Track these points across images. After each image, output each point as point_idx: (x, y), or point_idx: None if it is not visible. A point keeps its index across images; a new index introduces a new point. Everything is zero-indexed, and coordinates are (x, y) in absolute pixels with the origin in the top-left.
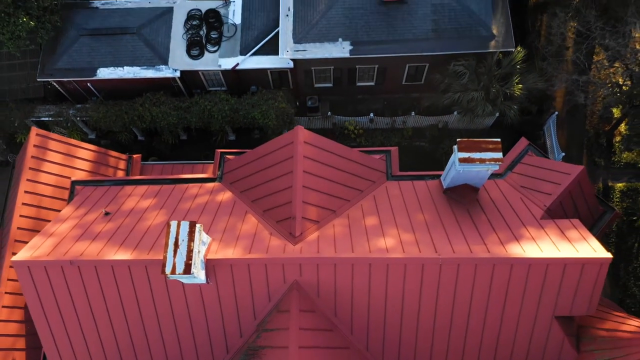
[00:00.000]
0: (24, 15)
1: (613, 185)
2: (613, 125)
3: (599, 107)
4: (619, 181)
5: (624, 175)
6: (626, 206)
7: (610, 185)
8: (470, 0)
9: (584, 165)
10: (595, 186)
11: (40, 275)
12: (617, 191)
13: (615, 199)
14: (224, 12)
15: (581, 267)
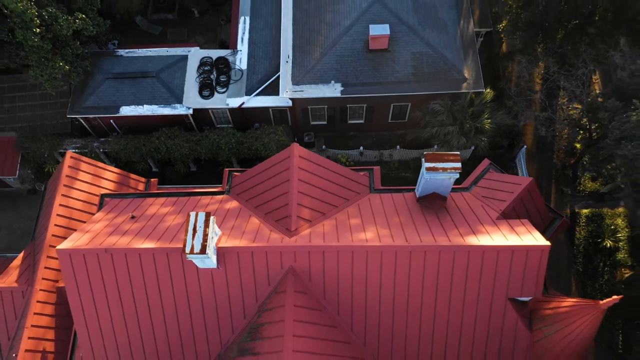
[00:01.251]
0: (61, 60)
1: (579, 211)
2: (577, 158)
3: (565, 143)
4: (584, 208)
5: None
6: (591, 230)
7: (576, 211)
8: (445, 49)
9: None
10: (563, 212)
11: (79, 262)
12: (583, 216)
13: (581, 224)
14: (232, 59)
15: (526, 254)
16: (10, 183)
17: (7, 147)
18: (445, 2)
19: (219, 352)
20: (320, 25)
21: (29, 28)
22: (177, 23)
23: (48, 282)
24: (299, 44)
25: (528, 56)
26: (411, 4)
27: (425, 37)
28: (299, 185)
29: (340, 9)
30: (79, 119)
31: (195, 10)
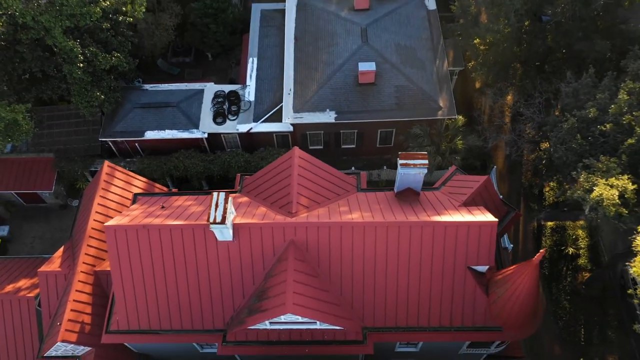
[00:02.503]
0: (97, 91)
1: (545, 224)
2: (542, 178)
3: (530, 165)
4: (549, 221)
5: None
6: (555, 239)
7: (542, 224)
8: (423, 83)
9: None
10: (531, 225)
11: (121, 236)
12: (548, 228)
13: (547, 234)
14: (241, 92)
15: (479, 228)
16: (45, 198)
17: (45, 166)
18: (423, 45)
19: (232, 315)
20: (317, 64)
21: (74, 63)
22: (193, 65)
23: (88, 266)
24: (299, 79)
25: (494, 90)
26: (394, 46)
27: (406, 73)
28: (298, 179)
29: (334, 50)
30: (108, 142)
31: (209, 54)
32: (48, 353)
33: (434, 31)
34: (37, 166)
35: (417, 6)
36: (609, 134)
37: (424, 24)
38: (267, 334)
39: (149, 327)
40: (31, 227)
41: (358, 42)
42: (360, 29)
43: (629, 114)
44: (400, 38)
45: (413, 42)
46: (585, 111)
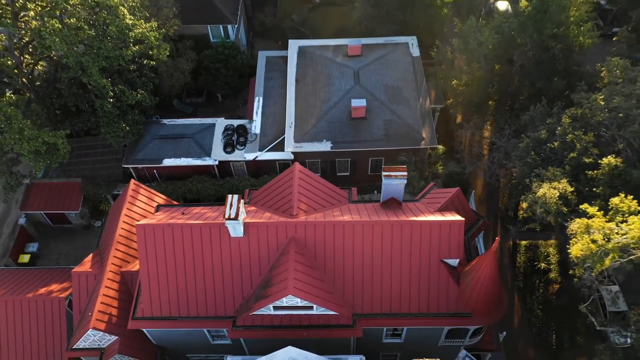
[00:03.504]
0: (123, 123)
1: (519, 242)
2: (516, 203)
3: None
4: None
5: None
6: (529, 256)
7: (517, 242)
8: (408, 118)
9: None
10: (507, 244)
11: (150, 233)
12: (522, 246)
13: (521, 252)
14: (249, 126)
15: (449, 226)
16: (71, 219)
17: (73, 189)
18: (408, 86)
19: (241, 303)
20: (316, 101)
21: (105, 98)
22: (204, 105)
23: (115, 267)
24: (299, 114)
25: (471, 124)
26: (383, 86)
27: (393, 109)
28: (299, 188)
29: (330, 90)
30: (130, 169)
31: (219, 95)
32: (77, 345)
33: (418, 74)
34: (66, 190)
35: (403, 53)
36: (557, 150)
37: (409, 68)
38: (271, 319)
39: (169, 314)
40: (57, 245)
41: (351, 83)
42: (353, 72)
43: (571, 133)
44: (388, 80)
45: (399, 83)
46: (537, 133)
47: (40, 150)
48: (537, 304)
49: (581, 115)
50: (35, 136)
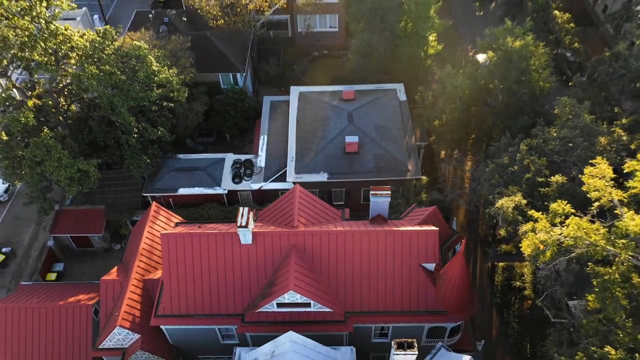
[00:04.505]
0: (145, 156)
1: (497, 264)
2: (494, 229)
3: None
4: (500, 262)
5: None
6: (506, 276)
7: (495, 264)
8: (396, 152)
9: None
10: (486, 265)
11: (172, 241)
12: (500, 268)
13: (498, 272)
14: (254, 160)
15: (425, 235)
16: (94, 242)
17: (97, 215)
18: (396, 125)
19: (249, 302)
20: (314, 138)
21: (130, 133)
22: (214, 144)
23: (139, 275)
24: (300, 149)
25: (451, 158)
26: (373, 126)
27: (382, 145)
28: (299, 205)
29: (327, 128)
30: (148, 197)
31: (227, 135)
32: (103, 344)
33: (405, 115)
34: (90, 215)
35: (391, 98)
36: (517, 173)
37: (396, 111)
38: (274, 316)
39: (187, 311)
40: (80, 266)
41: (345, 123)
42: (347, 113)
43: (527, 158)
44: (378, 120)
45: (388, 123)
46: (501, 159)
47: (75, 176)
48: (512, 317)
49: (536, 144)
50: (71, 164)
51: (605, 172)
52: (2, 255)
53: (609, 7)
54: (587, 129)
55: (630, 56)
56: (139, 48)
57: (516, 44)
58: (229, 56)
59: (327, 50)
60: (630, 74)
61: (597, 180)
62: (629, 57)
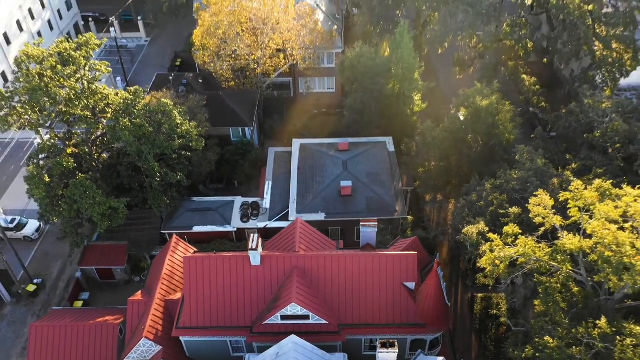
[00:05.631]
0: (165, 197)
1: (476, 295)
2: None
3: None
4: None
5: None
6: (484, 305)
7: (475, 295)
8: (385, 196)
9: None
10: (467, 296)
11: (194, 263)
12: (479, 298)
13: (477, 302)
14: (260, 202)
15: (406, 258)
16: (116, 275)
17: (120, 250)
18: (385, 172)
19: (257, 315)
20: (313, 183)
21: (154, 177)
22: (224, 190)
23: (161, 296)
24: (300, 192)
25: (434, 201)
26: (365, 173)
27: (373, 189)
28: (300, 234)
29: (324, 175)
30: (166, 234)
31: (236, 182)
32: (128, 356)
33: (393, 164)
34: (114, 250)
35: (381, 149)
36: (483, 207)
37: (386, 160)
38: (278, 327)
39: (204, 324)
40: (103, 296)
41: (341, 170)
42: (343, 162)
43: (491, 195)
44: (370, 168)
45: (378, 170)
46: (470, 197)
47: (106, 213)
48: (489, 341)
49: (499, 184)
50: (104, 202)
51: (546, 202)
52: (34, 286)
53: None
54: (540, 171)
55: (581, 112)
56: (166, 105)
57: (484, 103)
58: (239, 113)
59: (325, 108)
60: (581, 128)
61: (540, 208)
62: (580, 113)
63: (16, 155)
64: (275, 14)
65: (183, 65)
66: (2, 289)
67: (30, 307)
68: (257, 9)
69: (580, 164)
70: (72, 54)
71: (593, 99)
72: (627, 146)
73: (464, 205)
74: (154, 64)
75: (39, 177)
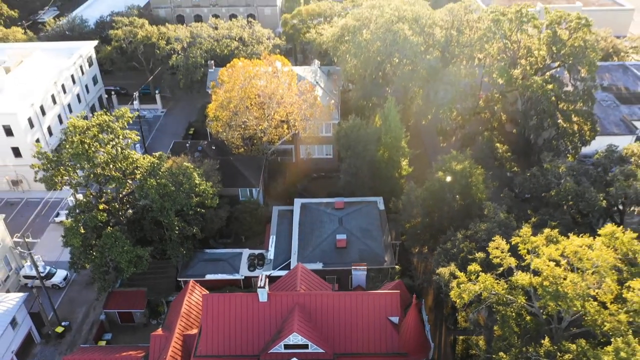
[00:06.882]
0: (182, 248)
1: (457, 337)
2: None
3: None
4: (461, 335)
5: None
6: (465, 346)
7: (456, 337)
8: (376, 248)
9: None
10: (449, 338)
11: (211, 300)
12: (460, 340)
13: (459, 343)
14: (265, 254)
15: (390, 295)
16: (136, 318)
17: (140, 295)
18: (376, 228)
19: (263, 346)
20: (312, 237)
21: (173, 230)
22: (232, 244)
23: (180, 332)
24: (301, 245)
25: (421, 253)
26: (358, 228)
27: (365, 242)
28: (301, 277)
29: (322, 229)
30: (181, 282)
31: (243, 237)
32: None
33: (383, 220)
34: (135, 295)
35: (373, 207)
36: (455, 253)
37: (377, 217)
38: (282, 356)
39: (218, 352)
40: (123, 337)
41: (336, 225)
42: (338, 218)
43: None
44: (362, 224)
45: (370, 226)
46: (445, 245)
47: (132, 260)
48: None
49: (470, 234)
50: (131, 250)
51: (502, 246)
52: (62, 328)
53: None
54: (503, 223)
55: (542, 175)
56: (187, 167)
57: (458, 167)
58: (247, 175)
59: (323, 172)
60: (541, 188)
61: (498, 251)
62: (540, 176)
63: (46, 213)
64: (280, 90)
65: (196, 133)
66: (34, 329)
67: (57, 347)
68: (264, 86)
69: (539, 218)
70: (111, 125)
71: (551, 164)
72: (577, 203)
73: (440, 252)
74: (170, 133)
75: (76, 228)
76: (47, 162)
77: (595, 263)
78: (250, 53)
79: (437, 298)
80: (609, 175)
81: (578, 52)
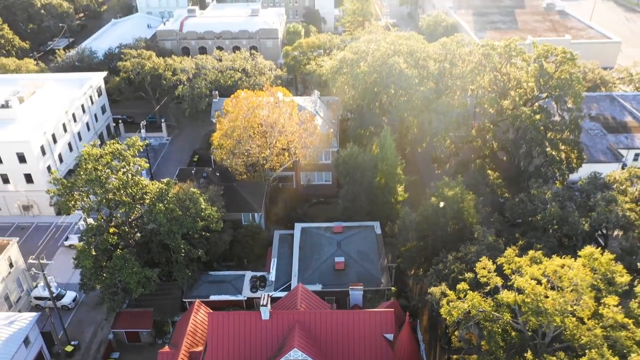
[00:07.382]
0: (187, 270)
1: (452, 357)
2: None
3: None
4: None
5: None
6: None
7: (450, 357)
8: (372, 270)
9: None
10: (444, 358)
11: (216, 318)
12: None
13: None
14: (267, 276)
15: (385, 313)
16: (142, 337)
17: (147, 315)
18: (373, 251)
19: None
20: (311, 260)
21: (179, 253)
22: (235, 267)
23: (186, 349)
24: (301, 267)
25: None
26: (356, 251)
27: (362, 265)
28: (301, 296)
29: (321, 253)
30: (187, 302)
31: (245, 260)
32: None
33: (379, 244)
34: (142, 315)
35: (370, 232)
36: (446, 273)
37: (374, 241)
38: None
39: None
40: (130, 356)
41: (335, 248)
42: (337, 242)
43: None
44: (360, 247)
45: (367, 249)
46: (438, 267)
47: (141, 281)
48: None
49: (460, 256)
50: (140, 272)
51: (489, 266)
52: (71, 346)
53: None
54: (491, 246)
55: (529, 201)
56: (194, 192)
57: (450, 193)
58: (250, 201)
59: (322, 197)
60: (528, 213)
61: (485, 270)
62: (528, 202)
63: (55, 237)
64: (282, 120)
65: (200, 160)
66: (44, 348)
67: None
68: (266, 116)
69: (526, 241)
70: (123, 153)
71: (538, 190)
72: (562, 227)
73: (433, 273)
74: (175, 160)
75: (88, 250)
76: (62, 187)
77: (574, 281)
78: (252, 84)
79: (431, 319)
80: (592, 200)
81: (564, 84)
